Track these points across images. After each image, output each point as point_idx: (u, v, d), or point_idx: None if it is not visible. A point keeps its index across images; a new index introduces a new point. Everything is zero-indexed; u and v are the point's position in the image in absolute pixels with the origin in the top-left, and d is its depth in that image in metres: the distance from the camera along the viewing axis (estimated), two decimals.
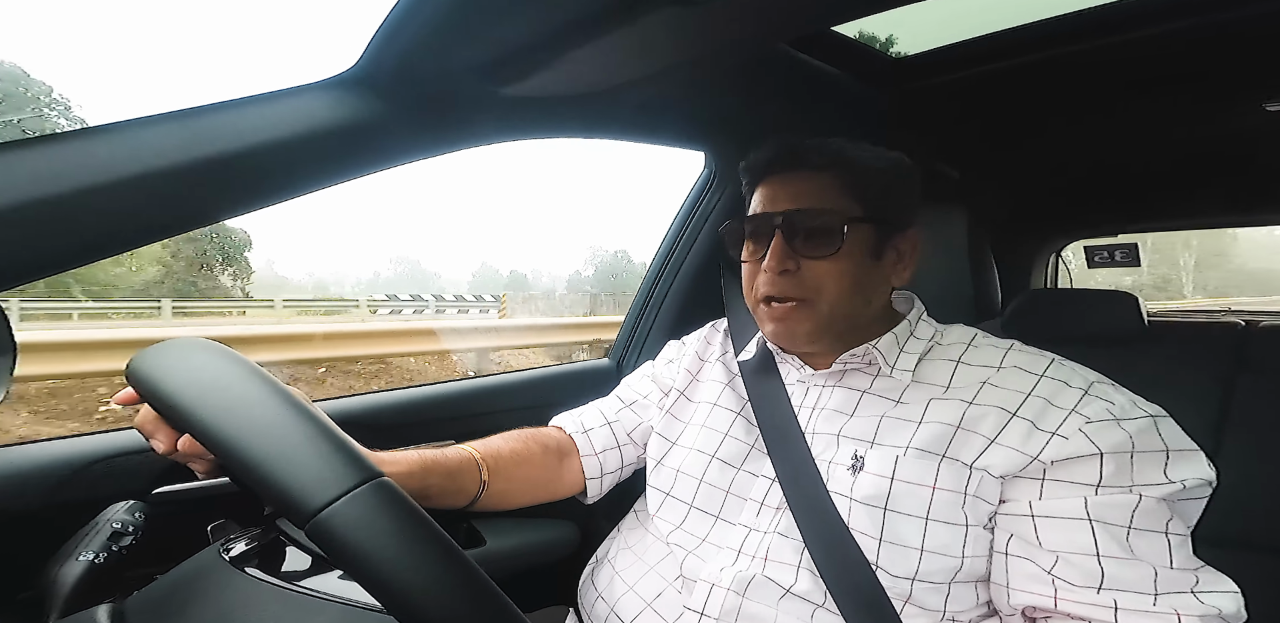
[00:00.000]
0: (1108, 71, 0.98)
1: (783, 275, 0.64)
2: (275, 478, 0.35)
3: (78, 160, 0.48)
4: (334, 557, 0.33)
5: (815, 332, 0.66)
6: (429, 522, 0.35)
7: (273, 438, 0.37)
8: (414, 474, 0.62)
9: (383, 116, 0.63)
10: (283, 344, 4.77)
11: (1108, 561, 0.51)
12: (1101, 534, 0.51)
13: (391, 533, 0.33)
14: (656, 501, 0.73)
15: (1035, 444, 0.55)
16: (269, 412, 0.38)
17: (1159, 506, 0.52)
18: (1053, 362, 0.62)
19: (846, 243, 0.63)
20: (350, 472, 0.35)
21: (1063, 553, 0.52)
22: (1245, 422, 1.00)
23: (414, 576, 0.33)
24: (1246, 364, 1.05)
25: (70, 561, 0.51)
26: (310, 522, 0.33)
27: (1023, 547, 0.54)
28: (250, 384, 0.40)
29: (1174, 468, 0.53)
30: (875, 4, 0.60)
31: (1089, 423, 0.54)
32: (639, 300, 1.26)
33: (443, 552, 0.34)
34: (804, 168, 0.66)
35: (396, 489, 0.36)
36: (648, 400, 0.85)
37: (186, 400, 0.39)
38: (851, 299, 0.65)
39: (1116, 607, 0.49)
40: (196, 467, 0.51)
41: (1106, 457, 0.53)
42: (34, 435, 1.00)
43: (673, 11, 0.53)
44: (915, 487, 0.57)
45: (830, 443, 0.64)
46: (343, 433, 0.40)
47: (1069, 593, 0.51)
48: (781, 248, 0.64)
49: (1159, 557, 0.51)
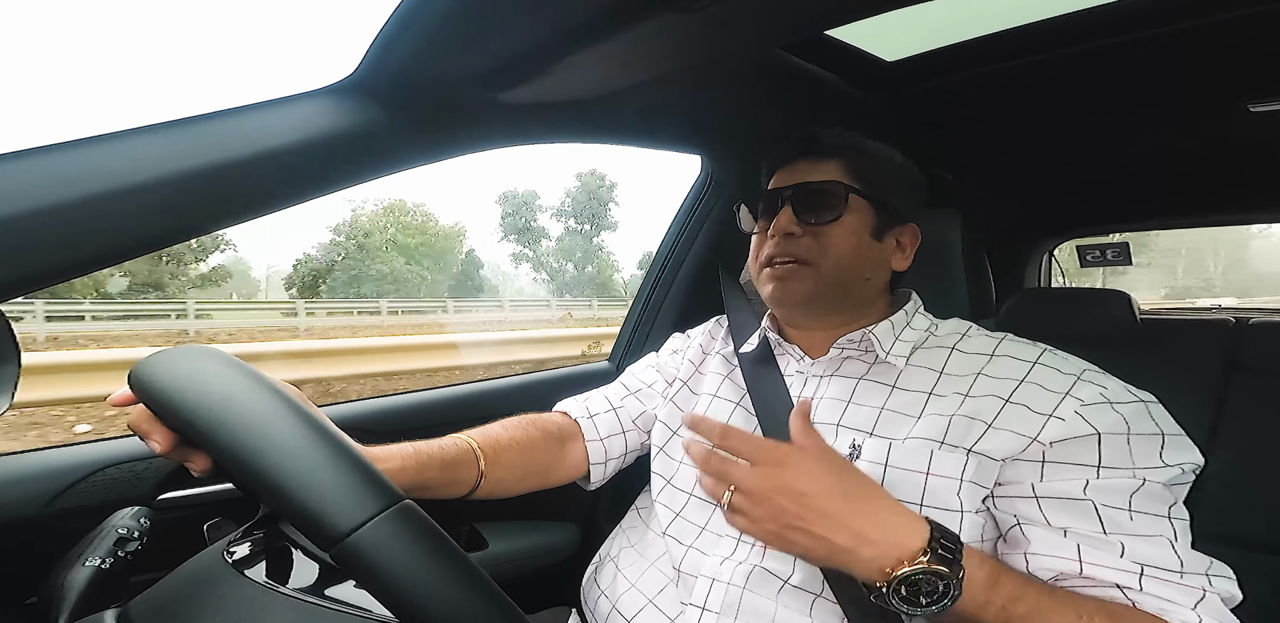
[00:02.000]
0: (1096, 74, 0.98)
1: (787, 238, 0.67)
2: (301, 502, 0.35)
3: (77, 170, 0.48)
4: (360, 579, 0.34)
5: (812, 293, 0.68)
6: (451, 544, 0.36)
7: (295, 460, 0.37)
8: (408, 469, 0.61)
9: (381, 123, 0.63)
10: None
11: (1121, 536, 0.51)
12: (1106, 515, 0.51)
13: (416, 556, 0.34)
14: (659, 486, 0.74)
15: (1033, 426, 0.55)
16: (289, 430, 0.38)
17: (1162, 490, 0.52)
18: (1044, 351, 0.62)
19: (847, 213, 0.67)
20: (375, 496, 0.36)
21: (1071, 529, 0.52)
22: (1239, 418, 1.00)
23: (438, 598, 0.33)
24: (1239, 362, 1.05)
25: (77, 566, 0.51)
26: (338, 546, 0.34)
27: (1032, 523, 0.54)
28: (266, 398, 0.40)
29: (1170, 453, 0.53)
30: (868, 8, 0.60)
31: (1084, 405, 0.55)
32: (638, 303, 1.26)
33: (465, 573, 0.35)
34: (815, 153, 0.70)
35: (419, 512, 0.37)
36: (652, 389, 0.85)
37: (202, 416, 0.39)
38: (850, 267, 0.67)
39: (1142, 573, 0.49)
40: (194, 465, 0.50)
41: (1105, 437, 0.53)
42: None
43: (669, 18, 0.53)
44: (909, 473, 0.57)
45: (829, 433, 0.64)
46: (359, 449, 0.40)
47: (1093, 557, 0.50)
48: (789, 214, 0.67)
49: (1170, 537, 0.51)
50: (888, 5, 0.60)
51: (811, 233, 0.67)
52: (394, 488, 0.37)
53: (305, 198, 0.61)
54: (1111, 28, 0.83)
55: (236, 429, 0.38)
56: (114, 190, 0.49)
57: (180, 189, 0.52)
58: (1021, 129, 1.27)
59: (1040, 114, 1.19)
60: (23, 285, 0.46)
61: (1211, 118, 1.15)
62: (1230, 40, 0.85)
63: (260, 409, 0.39)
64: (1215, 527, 0.95)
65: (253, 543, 0.53)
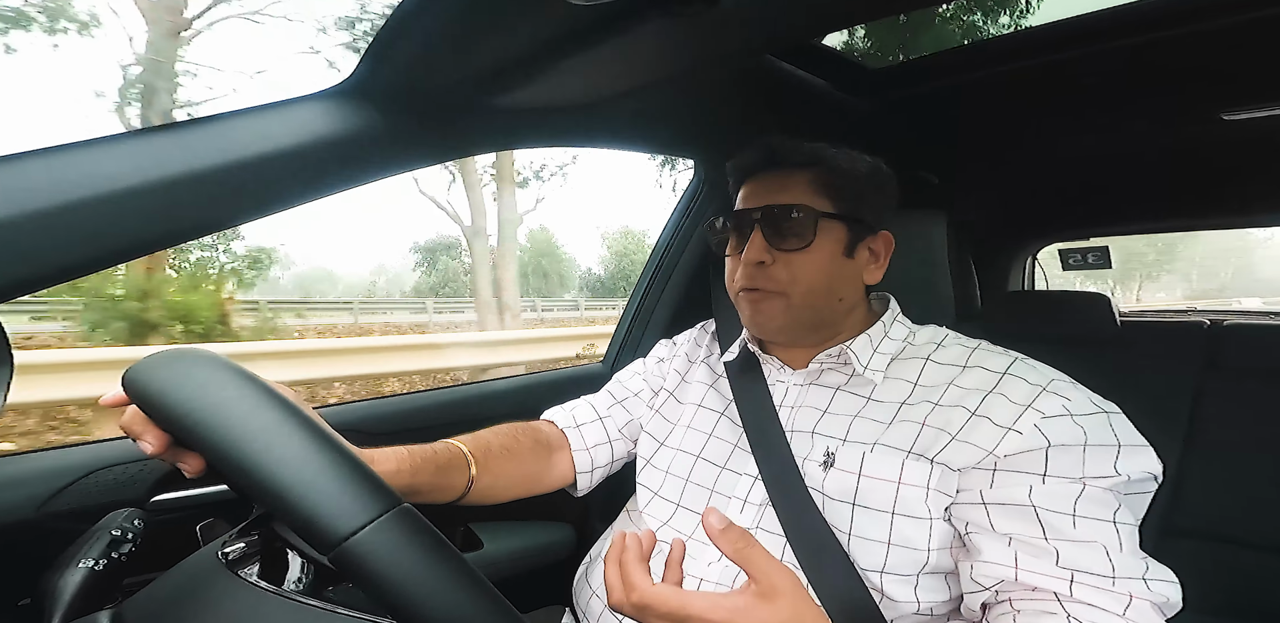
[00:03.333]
0: (1074, 83, 1.00)
1: (759, 267, 0.66)
2: (299, 506, 0.35)
3: (81, 171, 0.48)
4: (359, 582, 0.34)
5: (786, 323, 0.68)
6: (449, 548, 0.36)
7: (294, 463, 0.36)
8: (402, 472, 0.61)
9: (379, 127, 0.63)
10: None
11: (1059, 542, 0.51)
12: (1047, 519, 0.52)
13: (414, 559, 0.34)
14: (645, 498, 0.74)
15: (992, 439, 0.56)
16: (286, 433, 0.38)
17: (1104, 494, 0.53)
18: (1015, 360, 0.62)
19: (818, 238, 0.65)
20: (374, 500, 0.35)
21: (1015, 535, 0.53)
22: (1214, 415, 1.02)
23: (437, 601, 0.33)
24: (1213, 362, 1.07)
25: (70, 567, 0.50)
26: (336, 549, 0.33)
27: (979, 530, 0.55)
28: (262, 401, 0.39)
29: (1123, 461, 0.54)
30: (855, 16, 0.61)
31: (1044, 418, 0.55)
32: (632, 304, 1.27)
33: (464, 577, 0.35)
34: (784, 166, 0.69)
35: (417, 516, 0.36)
36: (639, 398, 0.85)
37: (196, 418, 0.38)
38: (822, 293, 0.67)
39: (1073, 580, 0.50)
40: (187, 466, 0.49)
41: (1059, 449, 0.54)
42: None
43: (661, 25, 0.54)
44: (881, 483, 0.58)
45: (806, 440, 0.65)
46: (357, 453, 0.40)
47: (1029, 564, 0.51)
48: (759, 241, 0.66)
49: (1109, 542, 0.51)
50: (873, 14, 0.61)
51: (784, 260, 0.66)
52: (392, 491, 0.37)
53: (305, 199, 0.61)
54: (1089, 39, 0.85)
55: (231, 431, 0.37)
56: (118, 192, 0.48)
57: (183, 191, 0.51)
58: (1003, 135, 1.29)
59: (1021, 121, 1.21)
60: (26, 286, 0.46)
61: (1186, 126, 1.17)
62: (1203, 52, 0.87)
63: (255, 411, 0.39)
64: (1192, 522, 0.96)
65: (246, 544, 0.53)
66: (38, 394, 3.31)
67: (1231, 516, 0.94)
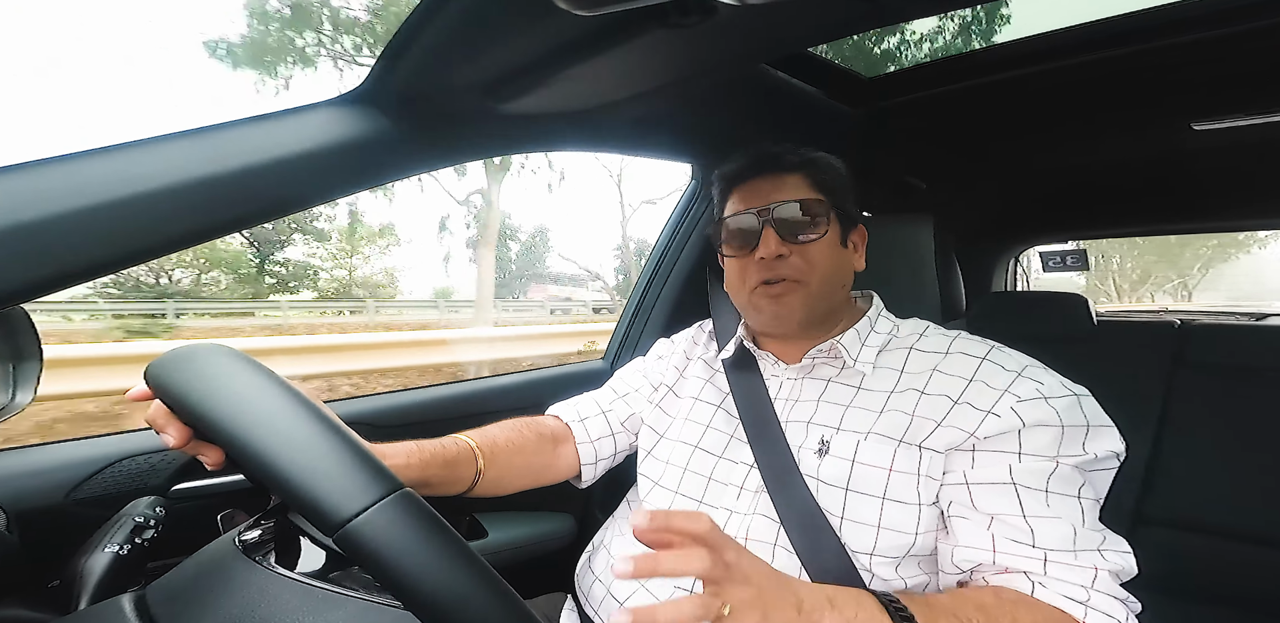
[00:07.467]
0: (1054, 94, 1.01)
1: (778, 260, 0.67)
2: (305, 490, 0.35)
3: (104, 175, 0.48)
4: (362, 563, 0.34)
5: (805, 315, 0.68)
6: (449, 530, 0.36)
7: (302, 451, 0.37)
8: (413, 466, 0.62)
9: (389, 132, 0.64)
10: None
11: (1034, 519, 0.53)
12: (1025, 496, 0.54)
13: (415, 541, 0.34)
14: (646, 488, 0.75)
15: (973, 422, 0.57)
16: (297, 423, 0.38)
17: (1073, 472, 0.55)
18: (992, 348, 0.64)
19: (829, 228, 0.68)
20: (376, 483, 0.36)
21: (997, 514, 0.54)
22: (1184, 410, 1.03)
23: (437, 580, 0.34)
24: (1183, 359, 1.08)
25: (96, 552, 0.51)
26: (339, 531, 0.34)
27: (962, 511, 0.57)
28: (275, 394, 0.40)
29: (1091, 441, 0.56)
30: (846, 28, 0.62)
31: (1020, 402, 0.57)
32: (632, 305, 1.27)
33: (463, 558, 0.35)
34: (779, 169, 0.70)
35: (418, 499, 0.37)
36: (639, 393, 0.86)
37: (214, 412, 0.39)
38: (833, 279, 0.69)
39: (1046, 559, 0.52)
40: (207, 458, 0.50)
41: (1034, 428, 0.56)
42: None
43: (661, 34, 0.54)
44: (873, 469, 0.59)
45: (801, 431, 0.66)
46: (362, 441, 0.40)
47: (1005, 547, 0.53)
48: (774, 236, 0.67)
49: (1074, 517, 0.53)
50: (864, 26, 0.61)
51: (799, 251, 0.67)
52: (394, 476, 0.37)
53: (317, 202, 0.61)
54: (1066, 53, 0.86)
55: (246, 423, 0.38)
56: (139, 194, 0.49)
57: (201, 193, 0.52)
58: (988, 143, 1.30)
59: (1004, 130, 1.22)
60: (55, 283, 0.46)
61: (1160, 136, 1.18)
62: (1175, 65, 0.88)
63: (268, 404, 0.40)
64: (1163, 511, 0.97)
65: (263, 531, 0.53)
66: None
67: (1200, 504, 0.95)
